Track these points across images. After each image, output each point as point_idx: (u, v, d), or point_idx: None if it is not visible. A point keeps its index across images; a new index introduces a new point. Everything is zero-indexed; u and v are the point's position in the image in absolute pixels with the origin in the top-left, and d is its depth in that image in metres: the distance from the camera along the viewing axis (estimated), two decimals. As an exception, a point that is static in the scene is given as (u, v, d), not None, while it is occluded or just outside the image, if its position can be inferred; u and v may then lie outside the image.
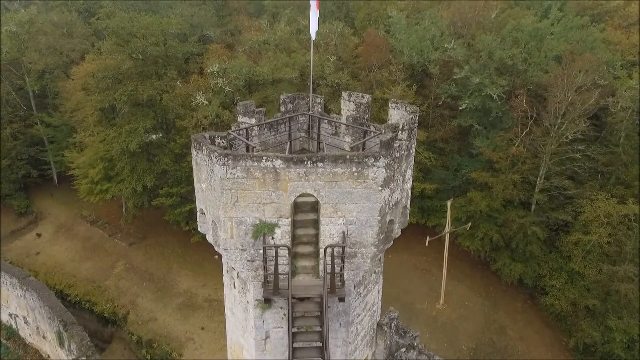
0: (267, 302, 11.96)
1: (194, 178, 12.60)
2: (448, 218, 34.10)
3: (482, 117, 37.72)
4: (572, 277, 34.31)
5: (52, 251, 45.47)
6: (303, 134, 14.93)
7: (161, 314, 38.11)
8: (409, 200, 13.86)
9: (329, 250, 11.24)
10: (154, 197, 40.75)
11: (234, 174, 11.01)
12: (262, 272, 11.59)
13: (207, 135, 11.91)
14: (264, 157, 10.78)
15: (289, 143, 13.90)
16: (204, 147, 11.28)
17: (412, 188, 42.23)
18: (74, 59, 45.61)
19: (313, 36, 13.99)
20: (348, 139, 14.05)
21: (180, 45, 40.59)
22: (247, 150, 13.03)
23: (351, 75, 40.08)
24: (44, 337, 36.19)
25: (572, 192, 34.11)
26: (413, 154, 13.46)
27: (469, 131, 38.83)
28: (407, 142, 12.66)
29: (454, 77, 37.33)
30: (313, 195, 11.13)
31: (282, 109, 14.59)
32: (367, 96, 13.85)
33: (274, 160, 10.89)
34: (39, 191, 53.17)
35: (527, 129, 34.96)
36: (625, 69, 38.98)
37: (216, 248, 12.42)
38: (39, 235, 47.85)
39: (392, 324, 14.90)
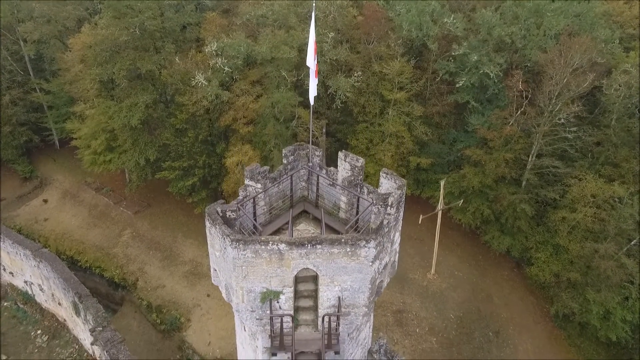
0: (273, 354, 13.74)
1: (208, 242, 13.91)
2: (441, 197, 35.52)
3: (479, 93, 38.23)
4: (557, 250, 36.23)
5: (60, 218, 47.12)
6: (303, 183, 16.12)
7: (169, 281, 40.38)
8: (397, 255, 15.23)
9: (326, 317, 12.93)
10: (157, 169, 41.88)
11: (245, 255, 12.46)
12: (269, 328, 13.37)
13: (219, 209, 13.08)
14: (270, 242, 12.19)
15: (290, 194, 15.13)
16: (217, 226, 12.57)
17: (408, 162, 42.80)
18: (70, 27, 45.02)
19: (312, 101, 14.73)
20: (344, 198, 15.28)
21: (177, 16, 40.13)
22: (255, 214, 14.23)
23: (350, 48, 40.03)
24: (59, 304, 38.55)
25: (562, 171, 35.35)
26: (401, 220, 14.80)
27: (465, 107, 39.42)
28: (396, 214, 13.84)
29: (453, 53, 37.41)
30: None
31: (284, 161, 15.72)
32: (360, 160, 14.93)
33: (279, 244, 12.27)
34: (42, 156, 54.09)
35: (522, 109, 35.63)
36: (625, 43, 39.08)
37: (228, 301, 13.99)
38: (45, 201, 49.32)
39: (381, 350, 16.72)
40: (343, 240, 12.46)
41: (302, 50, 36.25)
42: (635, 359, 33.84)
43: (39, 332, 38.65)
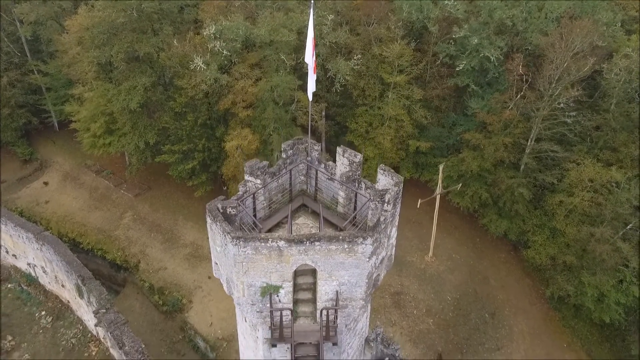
0: (273, 345, 14.20)
1: (209, 237, 14.17)
2: (440, 181, 35.73)
3: (479, 77, 38.09)
4: (554, 234, 36.64)
5: (61, 200, 47.37)
6: (302, 177, 16.34)
7: (170, 263, 40.89)
8: (394, 248, 15.52)
9: (324, 310, 13.30)
10: (157, 152, 41.98)
11: (245, 251, 12.76)
12: (269, 320, 13.80)
13: (220, 205, 13.30)
14: (269, 239, 12.47)
15: (289, 188, 15.35)
16: (218, 223, 12.83)
17: (407, 146, 42.81)
18: (66, 8, 44.52)
19: (310, 97, 14.83)
20: (342, 193, 15.52)
21: (175, -3, 39.70)
22: (254, 209, 14.46)
23: (349, 30, 39.68)
24: (62, 286, 39.14)
25: (560, 155, 35.50)
26: (398, 215, 15.07)
27: (465, 90, 39.32)
28: (393, 211, 14.08)
29: (453, 36, 37.13)
30: None
31: (283, 155, 15.87)
32: (359, 155, 15.09)
33: (278, 241, 12.57)
34: (41, 138, 54.06)
35: (522, 93, 35.55)
36: (627, 25, 38.74)
37: (229, 294, 14.35)
38: (46, 183, 49.49)
39: (378, 338, 17.19)
40: (341, 237, 12.81)
41: (302, 33, 35.98)
42: (628, 340, 34.58)
43: (43, 313, 39.31)
